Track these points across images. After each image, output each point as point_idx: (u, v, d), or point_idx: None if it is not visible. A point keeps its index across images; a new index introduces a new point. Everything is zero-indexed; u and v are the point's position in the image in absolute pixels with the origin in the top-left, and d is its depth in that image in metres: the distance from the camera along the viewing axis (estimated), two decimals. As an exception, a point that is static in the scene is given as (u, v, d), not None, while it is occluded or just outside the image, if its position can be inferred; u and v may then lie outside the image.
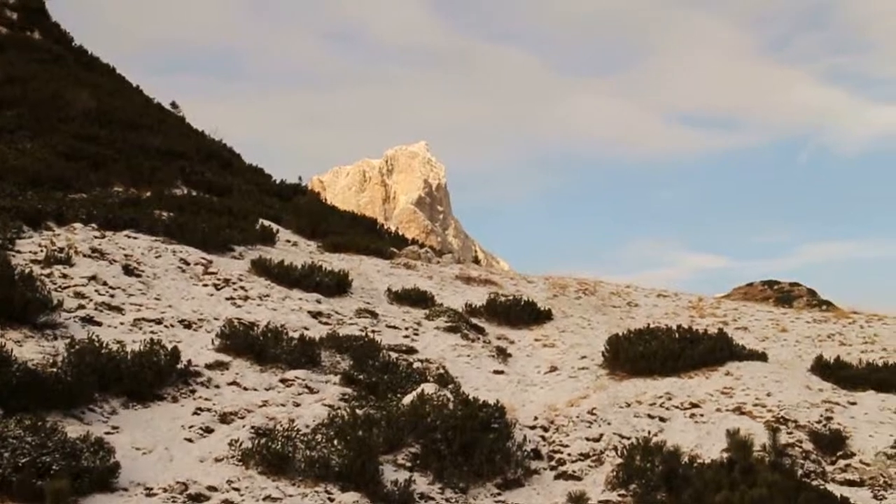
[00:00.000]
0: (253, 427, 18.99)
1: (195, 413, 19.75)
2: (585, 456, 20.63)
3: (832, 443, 21.51)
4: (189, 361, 21.45)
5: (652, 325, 28.78)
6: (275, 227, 37.56)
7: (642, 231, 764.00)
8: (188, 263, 29.04)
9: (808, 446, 21.32)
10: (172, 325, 24.15)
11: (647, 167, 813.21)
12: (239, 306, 26.67)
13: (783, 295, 58.72)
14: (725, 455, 10.11)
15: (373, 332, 26.54)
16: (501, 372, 26.28)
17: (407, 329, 28.09)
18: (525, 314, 32.07)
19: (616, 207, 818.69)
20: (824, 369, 26.39)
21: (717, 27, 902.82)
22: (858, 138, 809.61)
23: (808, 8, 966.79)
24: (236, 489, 16.96)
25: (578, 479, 19.84)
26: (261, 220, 37.29)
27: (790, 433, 21.71)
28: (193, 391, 20.75)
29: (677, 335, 26.98)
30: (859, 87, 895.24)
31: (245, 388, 21.34)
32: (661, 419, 22.47)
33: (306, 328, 25.64)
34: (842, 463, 20.95)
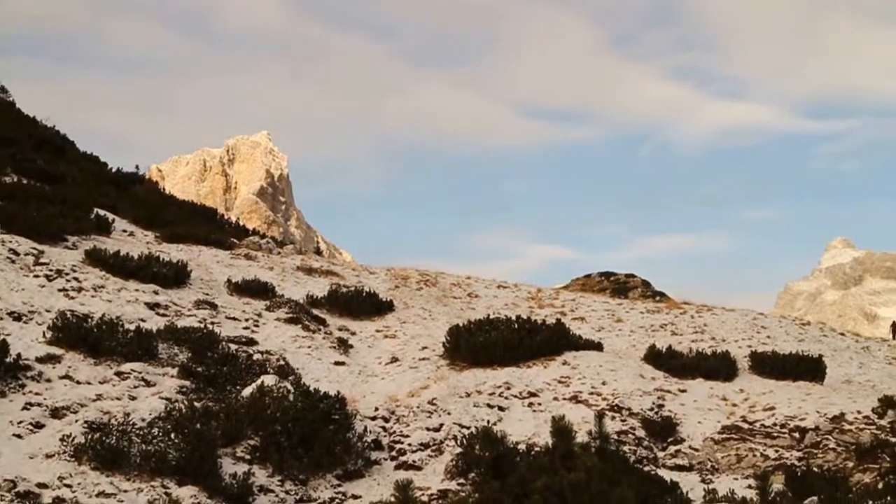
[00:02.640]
0: (86, 421, 18.49)
1: (25, 408, 19.12)
2: (426, 446, 20.80)
3: (663, 429, 22.22)
4: (19, 355, 20.73)
5: (492, 316, 29.17)
6: (111, 216, 36.66)
7: (489, 222, 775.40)
8: (18, 254, 28.04)
9: (641, 433, 21.97)
10: (1, 318, 23.31)
11: (495, 159, 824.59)
12: (72, 298, 25.91)
13: (619, 286, 60.04)
14: (552, 442, 10.40)
15: (212, 323, 26.17)
16: (343, 363, 26.24)
17: (247, 320, 27.79)
18: (367, 305, 32.12)
19: (463, 199, 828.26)
20: (657, 358, 27.25)
21: (567, 21, 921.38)
22: (698, 134, 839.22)
23: (655, 5, 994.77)
24: (68, 485, 16.50)
25: (419, 468, 19.99)
26: (96, 210, 36.34)
27: (624, 421, 22.33)
28: (23, 385, 20.05)
29: (517, 325, 27.42)
30: (701, 83, 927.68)
31: (78, 382, 20.76)
32: (501, 408, 22.82)
33: (143, 320, 25.09)
34: (672, 449, 21.66)
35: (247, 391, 20.73)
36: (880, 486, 17.66)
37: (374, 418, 21.59)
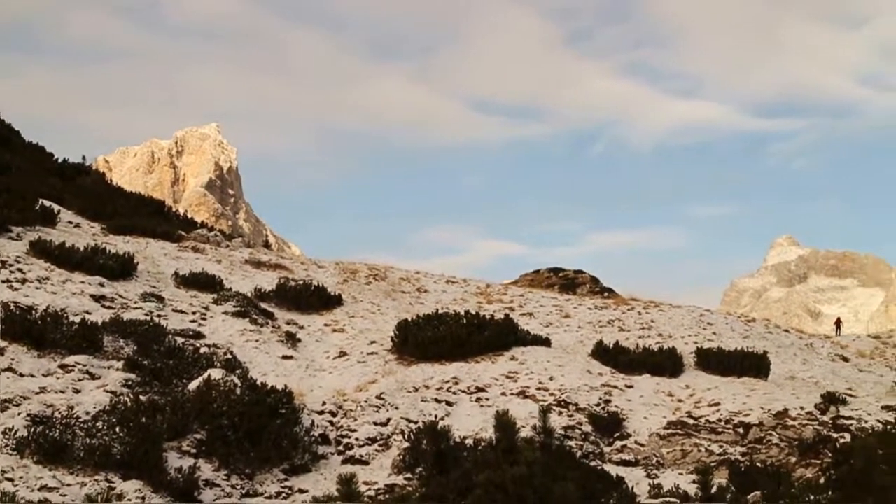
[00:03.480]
0: (29, 415, 18.26)
1: (-34, 401, 18.84)
2: (373, 440, 20.78)
3: (610, 425, 22.37)
4: (-40, 347, 20.43)
5: (441, 311, 29.20)
6: (56, 207, 36.21)
7: (442, 217, 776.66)
8: (-39, 244, 27.64)
9: (588, 428, 22.10)
10: (-58, 309, 22.95)
11: (448, 154, 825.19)
12: (16, 290, 25.56)
13: (567, 282, 60.28)
14: (495, 436, 10.44)
15: (158, 316, 25.96)
16: (290, 357, 26.14)
17: (194, 313, 27.59)
18: (315, 299, 32.01)
19: (416, 193, 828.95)
20: (604, 354, 27.42)
21: (522, 17, 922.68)
22: (651, 131, 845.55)
23: (610, 1, 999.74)
24: (10, 479, 16.28)
25: (366, 463, 19.96)
26: (41, 201, 35.86)
27: (571, 416, 22.45)
28: (-35, 378, 19.77)
29: (465, 321, 27.48)
30: (656, 80, 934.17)
31: (21, 375, 20.49)
32: (448, 403, 22.85)
33: (88, 312, 24.81)
34: (618, 444, 21.80)
35: (193, 385, 20.58)
36: (822, 480, 17.87)
37: (321, 412, 21.53)
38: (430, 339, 26.06)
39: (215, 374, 20.92)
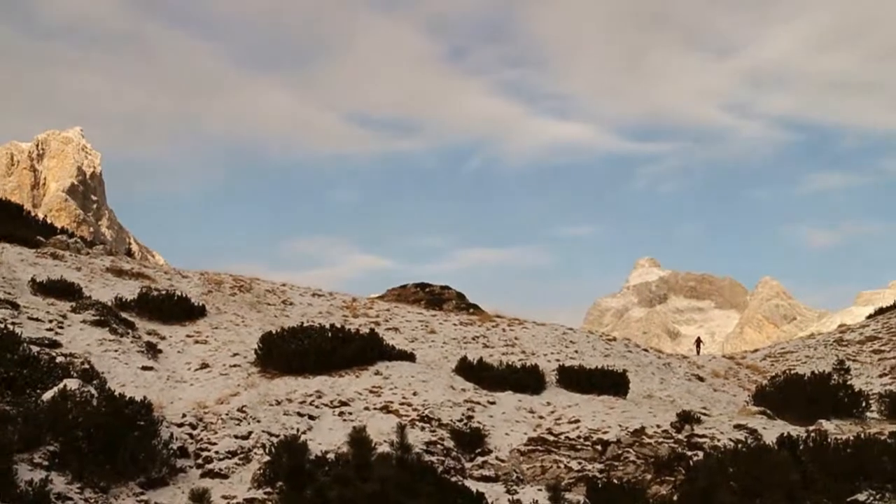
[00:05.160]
0: None
1: None
2: (233, 454, 20.52)
3: (472, 440, 22.51)
4: None
5: (306, 324, 29.03)
6: None
7: (311, 230, 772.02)
8: None
9: (450, 444, 22.20)
10: None
11: (320, 165, 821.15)
12: None
13: (434, 297, 60.59)
14: (351, 452, 10.44)
15: (13, 324, 25.19)
16: (151, 368, 25.66)
17: (51, 322, 26.87)
18: (178, 309, 31.52)
19: (287, 204, 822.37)
20: (468, 370, 27.61)
21: (399, 32, 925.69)
22: (525, 150, 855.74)
23: (487, 21, 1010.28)
24: None
25: (225, 476, 19.70)
26: None
27: (433, 431, 22.53)
28: None
29: (330, 334, 27.37)
30: (530, 100, 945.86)
31: None
32: (311, 417, 22.71)
33: (-62, 318, 23.96)
34: (480, 459, 21.96)
35: (47, 395, 20.02)
36: (675, 497, 18.35)
37: (181, 425, 21.18)
38: (294, 352, 25.88)
39: (71, 384, 20.40)
